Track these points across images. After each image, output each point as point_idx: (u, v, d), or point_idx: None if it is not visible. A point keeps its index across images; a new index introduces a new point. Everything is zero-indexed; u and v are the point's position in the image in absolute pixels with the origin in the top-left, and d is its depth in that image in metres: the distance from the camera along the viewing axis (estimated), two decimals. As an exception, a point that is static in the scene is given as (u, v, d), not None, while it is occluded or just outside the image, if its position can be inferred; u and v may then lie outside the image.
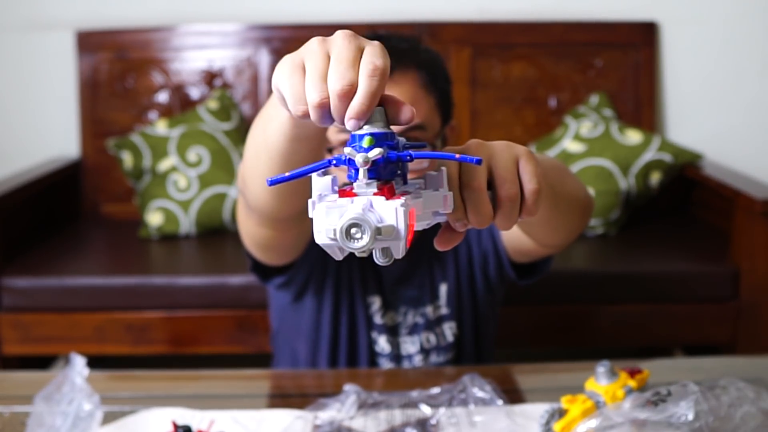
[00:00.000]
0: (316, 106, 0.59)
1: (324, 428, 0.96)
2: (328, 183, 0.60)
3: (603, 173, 2.37)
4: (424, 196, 0.59)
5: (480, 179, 0.61)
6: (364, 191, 0.57)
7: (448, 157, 0.59)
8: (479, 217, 0.61)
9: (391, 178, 0.59)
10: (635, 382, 0.92)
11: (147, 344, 2.10)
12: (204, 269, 2.19)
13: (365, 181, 0.57)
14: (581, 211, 1.08)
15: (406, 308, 1.26)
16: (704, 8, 2.69)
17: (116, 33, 2.64)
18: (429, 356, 1.28)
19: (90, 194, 2.67)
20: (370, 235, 0.55)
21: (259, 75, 2.63)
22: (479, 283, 1.28)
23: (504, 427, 0.95)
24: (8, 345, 2.09)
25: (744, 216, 2.09)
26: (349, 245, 0.55)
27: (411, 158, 0.59)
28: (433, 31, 2.63)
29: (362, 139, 0.58)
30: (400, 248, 0.57)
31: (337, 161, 0.59)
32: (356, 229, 0.55)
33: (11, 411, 1.02)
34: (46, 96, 2.73)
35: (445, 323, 1.28)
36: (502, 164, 0.62)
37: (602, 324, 2.12)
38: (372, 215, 0.55)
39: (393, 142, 0.59)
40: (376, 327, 1.26)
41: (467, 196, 0.61)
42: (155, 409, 1.02)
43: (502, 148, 0.63)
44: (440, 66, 1.19)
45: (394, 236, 0.55)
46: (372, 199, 0.56)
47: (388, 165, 0.58)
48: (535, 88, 2.64)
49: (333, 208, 0.56)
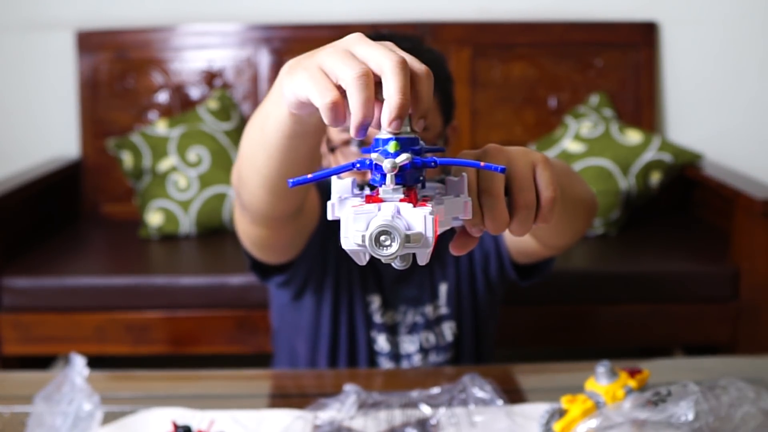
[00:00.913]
0: (363, 106, 0.57)
1: (324, 428, 0.96)
2: (348, 185, 0.60)
3: (603, 173, 2.37)
4: (445, 203, 0.59)
5: (498, 186, 0.61)
6: (391, 197, 0.57)
7: (473, 165, 0.59)
8: (496, 223, 0.61)
9: (416, 183, 0.59)
10: (635, 382, 0.92)
11: (147, 344, 2.10)
12: (204, 269, 2.19)
13: (392, 187, 0.57)
14: (587, 214, 1.09)
15: (405, 307, 1.26)
16: (704, 8, 2.69)
17: (116, 33, 2.64)
18: (428, 356, 1.28)
19: (90, 194, 2.67)
20: (400, 242, 0.55)
21: (259, 75, 2.63)
22: (480, 283, 1.28)
23: (504, 427, 0.95)
24: (8, 345, 2.09)
25: (744, 216, 2.09)
26: (378, 252, 0.55)
27: (436, 164, 0.58)
28: (433, 31, 2.63)
29: (387, 143, 0.57)
30: (427, 255, 0.57)
31: (361, 164, 0.58)
32: (386, 237, 0.55)
33: (11, 411, 1.02)
34: (46, 96, 2.73)
35: (445, 323, 1.28)
36: (519, 171, 0.62)
37: (602, 324, 2.12)
38: (400, 222, 0.55)
39: (417, 147, 0.59)
40: (376, 326, 1.26)
41: (485, 202, 0.61)
42: (155, 409, 1.03)
43: (519, 155, 0.64)
44: (443, 66, 1.19)
45: (423, 243, 0.55)
46: (399, 206, 0.56)
47: (413, 170, 0.58)
48: (535, 88, 2.64)
49: (361, 214, 0.56)
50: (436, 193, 0.61)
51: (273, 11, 2.69)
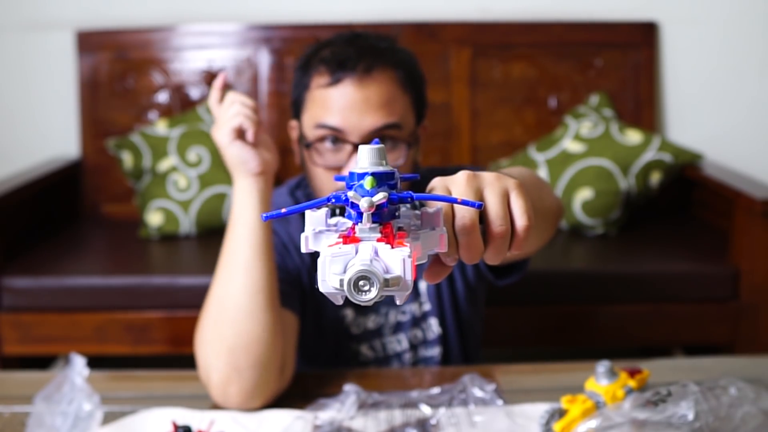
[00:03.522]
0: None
1: (324, 428, 0.96)
2: (322, 217, 0.59)
3: (603, 173, 2.37)
4: (422, 237, 0.58)
5: (473, 218, 0.61)
6: (368, 236, 0.56)
7: (450, 201, 0.59)
8: (471, 253, 0.61)
9: (391, 218, 0.58)
10: (635, 382, 0.92)
11: (147, 344, 2.10)
12: (204, 269, 2.18)
13: (369, 226, 0.56)
14: (555, 221, 1.11)
15: (386, 308, 1.26)
16: (704, 8, 2.69)
17: (116, 33, 2.64)
18: (418, 351, 1.28)
19: (90, 194, 2.67)
20: (379, 287, 0.54)
21: (259, 75, 2.63)
22: (459, 283, 1.28)
23: (504, 427, 0.95)
24: (8, 345, 2.09)
25: (744, 216, 2.09)
26: (357, 297, 0.54)
27: (412, 199, 0.58)
28: (433, 31, 2.63)
29: (362, 178, 0.56)
30: (405, 297, 0.56)
31: (336, 200, 0.58)
32: (364, 282, 0.54)
33: (11, 411, 1.02)
34: (46, 96, 2.73)
35: (431, 318, 1.28)
36: (493, 200, 0.62)
37: (602, 324, 2.12)
38: (378, 265, 0.54)
39: (393, 182, 0.58)
40: (355, 338, 1.26)
41: (460, 233, 0.61)
42: (155, 409, 1.03)
43: (492, 182, 0.63)
44: (416, 66, 1.20)
45: (401, 287, 0.55)
46: (377, 246, 0.55)
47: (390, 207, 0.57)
48: (535, 88, 2.64)
49: (338, 256, 0.55)
50: (412, 226, 0.60)
51: (273, 11, 2.69)
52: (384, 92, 1.12)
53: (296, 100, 1.19)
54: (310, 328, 1.24)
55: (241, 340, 1.03)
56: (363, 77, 1.11)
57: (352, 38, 1.16)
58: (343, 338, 1.26)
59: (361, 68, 1.11)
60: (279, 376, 1.07)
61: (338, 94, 1.11)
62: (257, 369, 1.03)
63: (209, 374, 1.05)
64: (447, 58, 2.62)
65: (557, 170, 2.40)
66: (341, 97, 1.11)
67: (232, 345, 1.03)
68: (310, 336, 1.24)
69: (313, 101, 1.14)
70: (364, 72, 1.11)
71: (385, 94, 1.12)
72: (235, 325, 1.04)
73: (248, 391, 1.03)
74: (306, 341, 1.23)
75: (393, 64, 1.14)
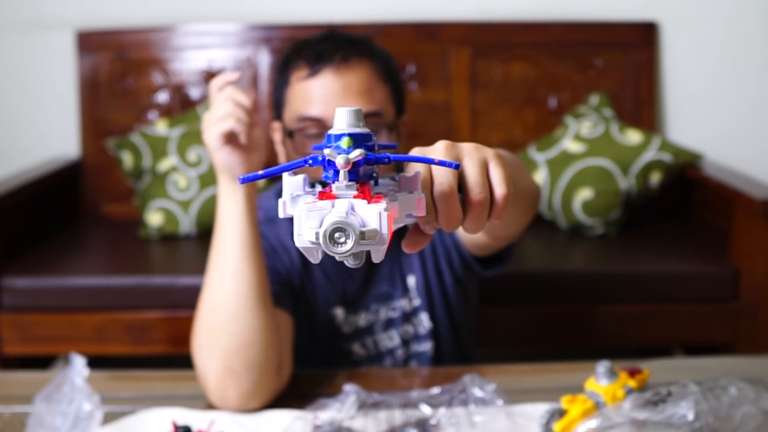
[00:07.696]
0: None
1: (324, 428, 0.96)
2: (299, 182, 0.59)
3: (603, 173, 2.37)
4: (399, 199, 0.58)
5: (452, 183, 0.60)
6: (344, 193, 0.56)
7: (427, 161, 0.58)
8: (449, 220, 0.61)
9: (369, 179, 0.58)
10: (635, 382, 0.92)
11: (147, 344, 2.10)
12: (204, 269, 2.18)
13: (345, 183, 0.56)
14: (533, 203, 1.11)
15: (377, 306, 1.26)
16: (704, 8, 2.69)
17: (116, 33, 2.64)
18: (410, 346, 1.28)
19: (90, 194, 2.67)
20: (355, 239, 0.54)
21: (258, 75, 2.63)
22: (447, 276, 1.28)
23: (504, 427, 0.95)
24: (8, 345, 2.09)
25: (744, 216, 2.09)
26: (333, 249, 0.54)
27: (389, 160, 0.58)
28: (433, 31, 2.63)
29: (339, 139, 0.57)
30: (382, 252, 0.56)
31: (313, 161, 0.58)
32: (340, 234, 0.54)
33: (11, 411, 1.02)
34: (46, 96, 2.73)
35: (421, 313, 1.28)
36: (471, 168, 0.62)
37: (602, 324, 2.12)
38: (355, 218, 0.54)
39: (370, 143, 0.58)
40: (346, 337, 1.26)
41: (438, 199, 0.61)
42: (155, 409, 1.03)
43: (470, 151, 0.63)
44: (392, 61, 1.22)
45: (378, 240, 0.54)
46: (353, 202, 0.55)
47: (366, 167, 0.57)
48: (535, 88, 2.64)
49: (314, 211, 0.55)
50: (390, 190, 0.60)
51: (273, 11, 2.69)
52: (363, 80, 1.14)
53: (278, 100, 1.21)
54: (302, 329, 1.24)
55: (234, 343, 1.03)
56: (341, 66, 1.13)
57: (328, 35, 1.18)
58: (334, 338, 1.26)
59: (338, 58, 1.13)
60: (276, 377, 1.07)
61: (318, 85, 1.13)
62: (253, 370, 1.03)
63: (206, 378, 1.05)
64: (447, 58, 2.62)
65: (557, 170, 2.40)
66: (321, 88, 1.13)
67: (227, 348, 1.03)
68: (302, 337, 1.24)
69: (294, 95, 1.16)
70: (341, 61, 1.13)
71: (364, 82, 1.14)
72: (228, 327, 1.04)
73: (246, 393, 1.03)
74: (298, 342, 1.23)
75: (369, 56, 1.16)
